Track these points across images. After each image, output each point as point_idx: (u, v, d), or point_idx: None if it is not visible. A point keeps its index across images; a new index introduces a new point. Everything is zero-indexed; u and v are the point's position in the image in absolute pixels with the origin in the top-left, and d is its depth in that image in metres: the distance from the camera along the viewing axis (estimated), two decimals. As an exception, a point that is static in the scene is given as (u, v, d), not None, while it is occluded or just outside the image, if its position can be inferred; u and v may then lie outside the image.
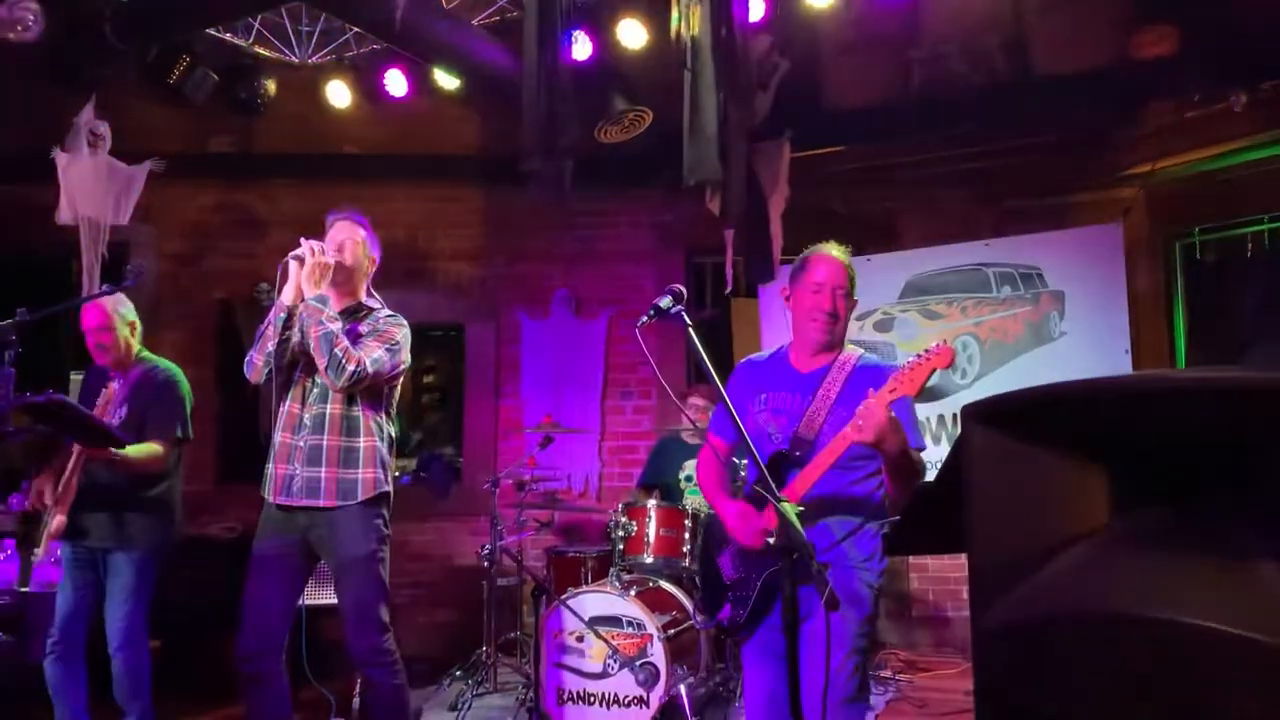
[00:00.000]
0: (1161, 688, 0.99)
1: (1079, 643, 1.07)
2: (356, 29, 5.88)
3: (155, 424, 3.97)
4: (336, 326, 3.39)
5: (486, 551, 5.12)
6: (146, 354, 4.21)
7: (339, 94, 6.32)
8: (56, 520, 3.81)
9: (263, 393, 6.56)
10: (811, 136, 6.09)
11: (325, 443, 3.44)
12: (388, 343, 3.52)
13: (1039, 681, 1.11)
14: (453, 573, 6.62)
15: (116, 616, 3.88)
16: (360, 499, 3.45)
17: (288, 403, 3.52)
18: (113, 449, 3.75)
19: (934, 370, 2.47)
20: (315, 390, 3.49)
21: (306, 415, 3.48)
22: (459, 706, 4.70)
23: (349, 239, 3.61)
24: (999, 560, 1.19)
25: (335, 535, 3.45)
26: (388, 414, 3.63)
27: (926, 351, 2.50)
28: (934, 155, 6.33)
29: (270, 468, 3.52)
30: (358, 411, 3.50)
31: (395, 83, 6.17)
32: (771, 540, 2.65)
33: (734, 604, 2.79)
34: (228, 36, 5.99)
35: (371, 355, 3.43)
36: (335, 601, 3.61)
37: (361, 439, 3.49)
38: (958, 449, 1.31)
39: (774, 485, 2.38)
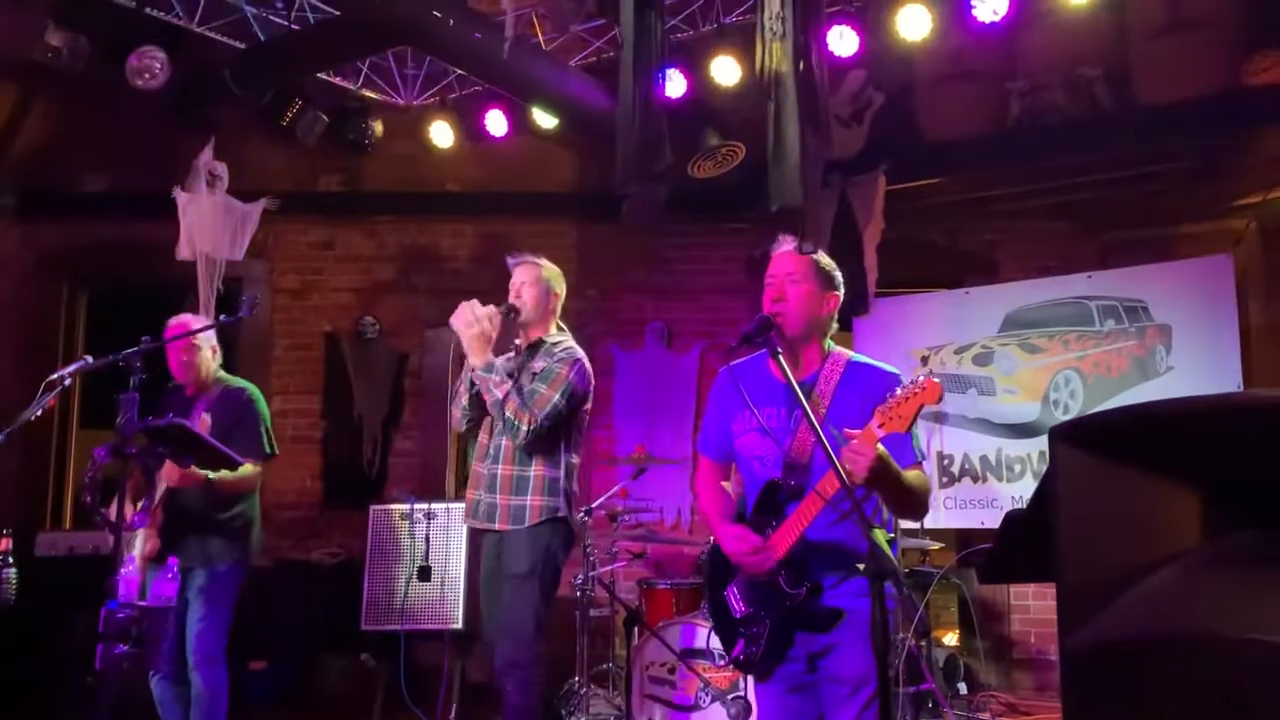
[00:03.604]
0: (1254, 709, 0.98)
1: (1171, 663, 1.06)
2: (460, 71, 6.07)
3: (243, 445, 4.03)
4: (502, 391, 3.62)
5: (580, 581, 5.16)
6: (224, 374, 4.32)
7: (442, 134, 6.52)
8: (150, 544, 3.91)
9: (366, 422, 6.79)
10: (909, 168, 6.06)
11: (500, 471, 3.71)
12: (559, 387, 3.68)
13: (1129, 703, 1.10)
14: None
15: (194, 633, 3.94)
16: (528, 524, 3.67)
17: (480, 434, 3.82)
18: (209, 473, 3.88)
19: (922, 405, 2.28)
20: (499, 424, 3.71)
21: (490, 445, 3.77)
22: (552, 735, 4.74)
23: (525, 282, 3.85)
24: (1088, 581, 1.19)
25: (505, 553, 3.70)
26: (566, 442, 3.80)
27: (914, 384, 2.30)
28: (1034, 187, 6.24)
29: (468, 493, 3.83)
30: None
31: (495, 123, 6.35)
32: (783, 578, 2.51)
33: (747, 641, 2.60)
34: (337, 80, 6.24)
35: (545, 407, 3.63)
36: (433, 627, 3.77)
37: (533, 468, 3.70)
38: (1049, 472, 1.31)
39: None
